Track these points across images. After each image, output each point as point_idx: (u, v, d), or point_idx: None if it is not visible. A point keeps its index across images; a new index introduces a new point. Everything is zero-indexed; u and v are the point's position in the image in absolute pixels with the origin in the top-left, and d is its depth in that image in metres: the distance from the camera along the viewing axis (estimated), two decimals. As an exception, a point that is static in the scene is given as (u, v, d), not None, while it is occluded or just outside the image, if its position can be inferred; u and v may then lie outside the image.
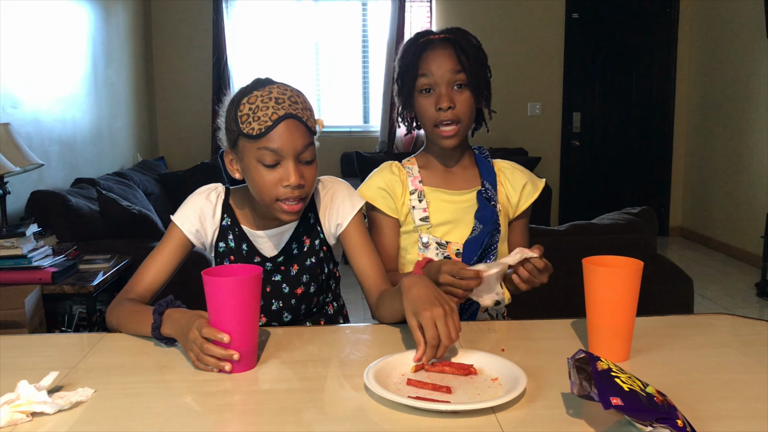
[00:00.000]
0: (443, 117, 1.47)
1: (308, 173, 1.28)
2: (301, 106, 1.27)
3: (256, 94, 1.26)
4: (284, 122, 1.24)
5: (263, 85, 1.28)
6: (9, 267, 2.63)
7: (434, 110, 1.48)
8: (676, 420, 0.84)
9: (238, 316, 1.07)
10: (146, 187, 4.43)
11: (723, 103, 5.53)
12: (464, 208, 1.54)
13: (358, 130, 6.17)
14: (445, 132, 1.49)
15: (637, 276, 1.09)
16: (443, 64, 1.47)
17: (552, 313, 1.40)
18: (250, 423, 0.94)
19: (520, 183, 1.59)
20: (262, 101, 1.24)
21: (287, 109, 1.24)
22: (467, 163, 1.60)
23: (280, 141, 1.24)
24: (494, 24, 5.86)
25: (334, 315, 1.54)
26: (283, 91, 1.27)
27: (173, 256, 1.39)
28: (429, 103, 1.49)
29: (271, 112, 1.23)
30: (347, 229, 1.42)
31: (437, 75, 1.47)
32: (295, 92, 1.29)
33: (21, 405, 0.92)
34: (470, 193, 1.56)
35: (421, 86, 1.49)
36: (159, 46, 5.91)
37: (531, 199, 1.60)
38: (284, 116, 1.24)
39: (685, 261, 5.24)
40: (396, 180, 1.56)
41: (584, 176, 6.29)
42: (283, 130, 1.24)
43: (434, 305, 1.07)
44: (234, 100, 1.29)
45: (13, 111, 3.42)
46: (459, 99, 1.47)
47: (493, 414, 0.92)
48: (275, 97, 1.25)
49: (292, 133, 1.24)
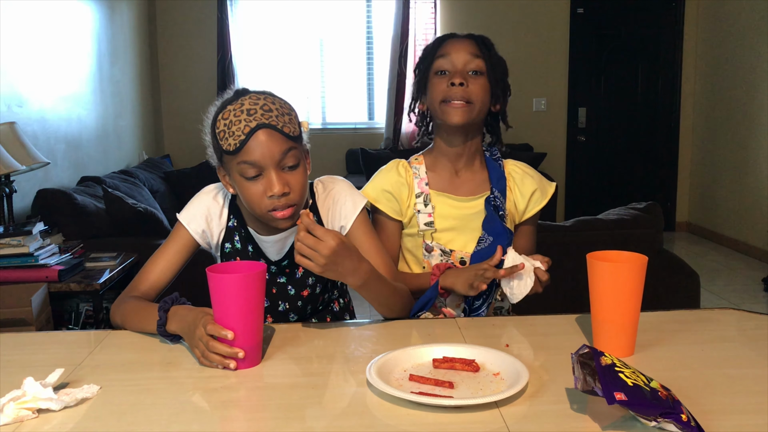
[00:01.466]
0: (454, 93, 1.44)
1: (293, 179, 1.26)
2: (276, 113, 1.24)
3: (229, 109, 1.24)
4: (257, 133, 1.21)
5: (237, 98, 1.26)
6: (16, 265, 2.64)
7: (446, 86, 1.45)
8: (681, 415, 0.84)
9: (242, 313, 1.07)
10: (152, 185, 4.45)
11: (729, 97, 5.50)
12: (470, 215, 1.51)
13: (363, 126, 6.16)
14: (454, 105, 1.45)
15: (641, 271, 1.09)
16: (462, 48, 1.47)
17: (557, 308, 1.39)
18: (254, 419, 0.94)
19: (529, 190, 1.56)
20: (235, 115, 1.23)
21: (259, 119, 1.22)
22: (477, 167, 1.56)
23: (256, 153, 1.22)
24: (499, 19, 5.84)
25: (340, 312, 1.54)
26: (255, 101, 1.24)
27: (178, 256, 1.39)
28: (442, 81, 1.47)
29: (244, 125, 1.21)
30: (351, 230, 1.40)
31: (455, 58, 1.46)
32: (269, 99, 1.26)
33: (27, 402, 0.92)
34: (477, 200, 1.52)
35: (438, 68, 1.48)
36: (164, 44, 5.92)
37: (538, 207, 1.57)
38: (256, 127, 1.21)
39: (691, 256, 5.22)
40: (402, 182, 1.53)
41: (590, 172, 6.28)
42: (258, 141, 1.21)
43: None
44: (212, 118, 1.28)
45: (19, 110, 3.43)
46: (474, 84, 1.46)
47: (497, 409, 0.92)
48: (247, 109, 1.23)
49: (267, 143, 1.22)
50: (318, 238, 1.16)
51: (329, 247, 1.15)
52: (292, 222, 1.28)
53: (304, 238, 1.15)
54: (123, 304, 1.31)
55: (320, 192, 1.43)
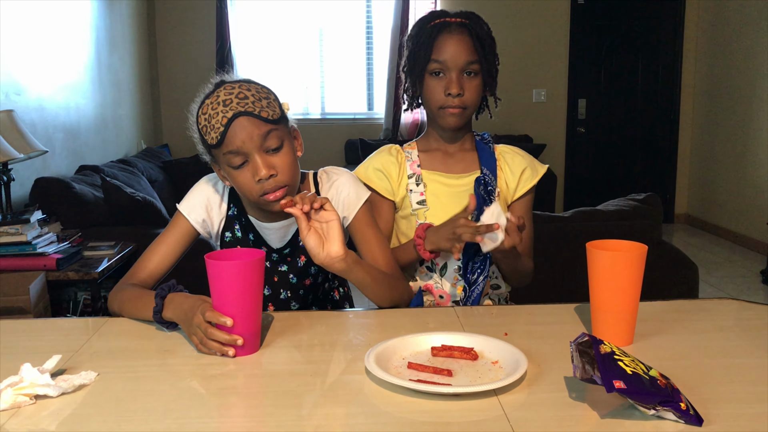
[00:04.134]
0: (450, 102, 1.47)
1: (278, 160, 1.26)
2: (251, 99, 1.24)
3: (207, 103, 1.25)
4: (234, 122, 1.22)
5: (213, 91, 1.27)
6: (14, 253, 2.64)
7: (443, 95, 1.47)
8: (680, 403, 0.83)
9: (241, 300, 1.07)
10: (150, 175, 4.44)
11: (729, 90, 5.49)
12: (462, 192, 1.54)
13: (362, 117, 6.15)
14: (450, 111, 1.48)
15: (641, 260, 1.09)
16: (458, 51, 1.46)
17: (554, 298, 1.39)
18: (252, 406, 0.94)
19: (519, 168, 1.58)
20: (212, 108, 1.24)
21: (235, 108, 1.22)
22: (468, 147, 1.59)
23: (236, 141, 1.23)
24: (499, 9, 5.81)
25: (341, 301, 1.54)
26: (230, 91, 1.24)
27: (178, 245, 1.39)
28: (439, 86, 1.47)
29: (221, 117, 1.22)
30: (354, 221, 1.40)
31: (450, 61, 1.46)
32: (244, 87, 1.26)
33: (24, 388, 0.92)
34: (469, 177, 1.55)
35: (433, 69, 1.48)
36: (162, 33, 5.90)
37: (529, 185, 1.57)
38: (233, 117, 1.22)
39: (690, 248, 5.22)
40: (393, 161, 1.56)
41: (589, 163, 6.27)
42: (236, 130, 1.22)
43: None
44: (195, 114, 1.29)
45: (17, 98, 3.42)
46: (469, 86, 1.47)
47: (496, 397, 0.92)
48: (222, 100, 1.23)
49: (245, 130, 1.22)
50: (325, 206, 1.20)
51: (335, 217, 1.20)
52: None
53: (312, 197, 1.19)
54: (120, 292, 1.31)
55: (324, 182, 1.43)
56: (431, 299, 1.54)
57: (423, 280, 1.54)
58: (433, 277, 1.53)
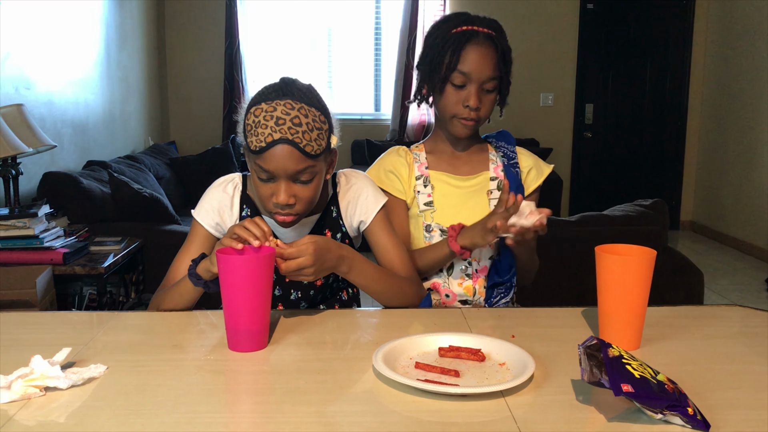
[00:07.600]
0: (466, 114, 1.47)
1: (303, 192, 1.25)
2: (303, 129, 1.20)
3: (262, 107, 1.22)
4: (278, 146, 1.20)
5: (275, 97, 1.22)
6: (21, 247, 2.65)
7: (460, 105, 1.47)
8: (687, 408, 0.84)
9: (250, 295, 1.08)
10: (157, 171, 4.45)
11: (736, 98, 5.48)
12: (470, 193, 1.55)
13: (369, 117, 6.16)
14: (464, 122, 1.49)
15: (649, 265, 1.09)
16: (483, 65, 1.45)
17: (561, 302, 1.40)
18: (260, 402, 0.94)
19: (526, 168, 1.60)
20: (264, 118, 1.20)
21: (284, 133, 1.19)
22: (475, 148, 1.60)
23: (272, 163, 1.21)
24: (508, 13, 5.80)
25: (349, 301, 1.55)
26: (289, 110, 1.20)
27: (200, 251, 1.39)
28: (457, 97, 1.47)
29: (268, 133, 1.20)
30: (371, 226, 1.41)
31: (474, 74, 1.45)
32: (303, 111, 1.21)
33: (35, 379, 0.93)
34: (477, 178, 1.57)
35: (455, 80, 1.46)
36: (172, 31, 5.91)
37: (534, 185, 1.60)
38: (279, 140, 1.19)
39: (695, 255, 5.21)
40: (402, 162, 1.57)
41: (596, 168, 6.26)
42: (277, 153, 1.20)
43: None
44: (249, 104, 1.26)
45: (27, 92, 3.44)
46: (485, 100, 1.48)
47: (503, 398, 0.92)
48: (277, 117, 1.20)
49: (285, 159, 1.20)
50: (295, 255, 1.17)
51: (309, 253, 1.17)
52: (291, 225, 1.31)
53: (287, 268, 1.17)
54: (156, 298, 1.36)
55: (343, 184, 1.44)
56: (437, 298, 1.55)
57: (430, 279, 1.55)
58: (441, 275, 1.54)
